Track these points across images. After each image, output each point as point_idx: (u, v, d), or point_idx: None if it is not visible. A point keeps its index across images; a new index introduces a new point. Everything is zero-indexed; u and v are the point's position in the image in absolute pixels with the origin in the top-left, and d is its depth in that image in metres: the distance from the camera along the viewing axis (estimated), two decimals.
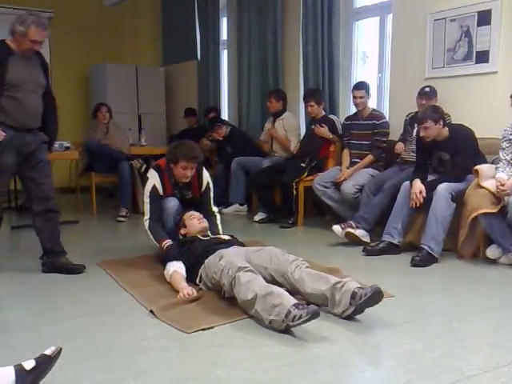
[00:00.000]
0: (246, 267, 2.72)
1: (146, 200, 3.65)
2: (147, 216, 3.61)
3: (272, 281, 2.82)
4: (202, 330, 2.52)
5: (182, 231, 3.53)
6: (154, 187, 3.65)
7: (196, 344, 2.41)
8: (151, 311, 2.74)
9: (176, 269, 3.16)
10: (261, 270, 2.84)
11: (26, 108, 3.32)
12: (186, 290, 2.96)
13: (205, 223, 3.52)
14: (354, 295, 2.55)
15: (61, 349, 1.92)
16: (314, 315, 2.35)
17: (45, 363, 1.87)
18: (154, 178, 3.68)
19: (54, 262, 3.51)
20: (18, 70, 3.28)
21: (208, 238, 3.41)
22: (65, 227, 3.04)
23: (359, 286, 2.60)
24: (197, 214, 3.57)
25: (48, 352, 1.89)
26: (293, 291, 2.79)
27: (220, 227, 3.71)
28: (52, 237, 3.57)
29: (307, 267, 2.82)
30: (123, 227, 5.41)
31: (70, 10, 7.73)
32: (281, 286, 2.81)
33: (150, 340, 2.44)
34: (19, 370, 1.80)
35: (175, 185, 3.76)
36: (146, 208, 3.64)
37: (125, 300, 3.01)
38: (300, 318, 2.34)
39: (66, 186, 6.34)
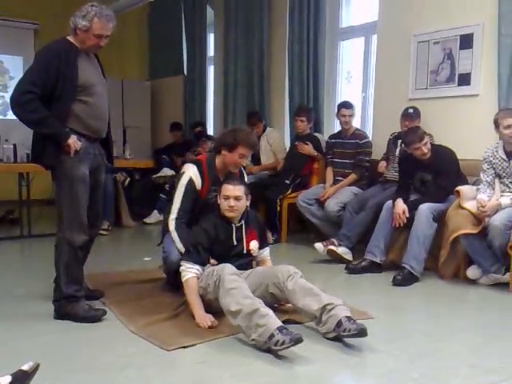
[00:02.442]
0: (232, 270, 2.72)
1: (178, 195, 3.14)
2: (174, 215, 3.14)
3: (268, 295, 2.79)
4: (183, 347, 2.50)
5: (219, 199, 3.02)
6: (191, 180, 3.14)
7: (177, 361, 2.40)
8: (129, 329, 2.71)
9: (193, 275, 2.86)
10: (256, 288, 2.79)
11: (99, 114, 2.96)
12: (205, 320, 2.73)
13: (235, 213, 2.98)
14: (339, 324, 2.52)
15: (38, 364, 1.89)
16: (297, 342, 2.34)
17: (22, 379, 1.84)
18: (191, 171, 3.17)
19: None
20: (87, 70, 2.91)
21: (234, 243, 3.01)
22: (46, 240, 2.98)
23: (347, 315, 2.55)
24: (235, 192, 2.94)
25: (25, 367, 1.86)
26: (285, 302, 2.84)
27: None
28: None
29: (301, 276, 2.78)
30: (105, 241, 5.36)
31: (56, 23, 7.64)
32: (276, 299, 2.83)
33: (131, 356, 2.42)
34: None
35: (215, 180, 3.20)
36: (175, 205, 3.15)
37: (105, 315, 2.97)
38: (283, 344, 2.34)
39: (49, 198, 6.28)
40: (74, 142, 2.83)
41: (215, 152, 3.27)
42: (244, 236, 3.03)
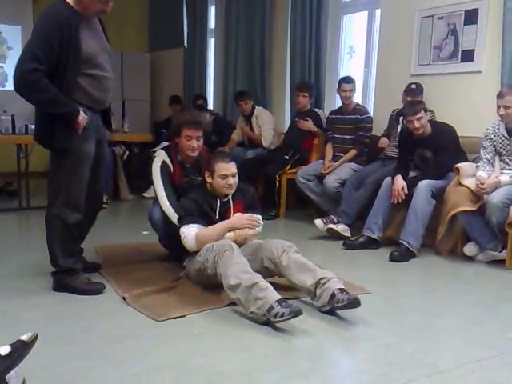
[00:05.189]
0: (231, 245, 2.73)
1: (157, 177, 3.20)
2: (162, 193, 3.18)
3: (263, 269, 2.80)
4: (174, 318, 2.52)
5: (208, 178, 3.05)
6: (164, 163, 3.23)
7: (174, 333, 2.41)
8: (123, 298, 2.74)
9: (196, 230, 2.91)
10: (251, 262, 2.76)
11: (104, 85, 2.82)
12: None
13: (233, 190, 3.04)
14: (332, 296, 2.54)
15: (37, 335, 1.90)
16: (296, 314, 2.36)
17: (21, 349, 1.85)
18: (162, 156, 3.26)
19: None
20: (90, 39, 2.70)
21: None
22: (43, 212, 2.97)
23: (340, 287, 2.57)
24: (232, 170, 3.01)
25: (24, 338, 1.87)
26: (280, 276, 2.83)
27: None
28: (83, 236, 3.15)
29: (296, 251, 2.80)
30: (103, 214, 5.31)
31: None
32: (271, 273, 2.83)
33: (127, 328, 2.44)
34: None
35: (183, 166, 3.31)
36: (158, 186, 3.20)
37: (105, 289, 2.97)
38: (282, 315, 2.36)
39: (47, 171, 6.26)
40: (83, 118, 2.71)
41: (174, 143, 3.32)
42: (232, 210, 3.06)
